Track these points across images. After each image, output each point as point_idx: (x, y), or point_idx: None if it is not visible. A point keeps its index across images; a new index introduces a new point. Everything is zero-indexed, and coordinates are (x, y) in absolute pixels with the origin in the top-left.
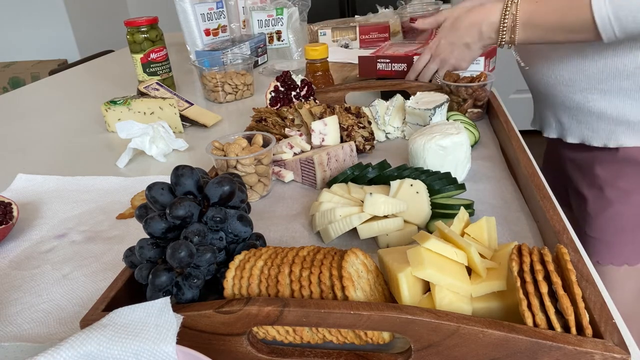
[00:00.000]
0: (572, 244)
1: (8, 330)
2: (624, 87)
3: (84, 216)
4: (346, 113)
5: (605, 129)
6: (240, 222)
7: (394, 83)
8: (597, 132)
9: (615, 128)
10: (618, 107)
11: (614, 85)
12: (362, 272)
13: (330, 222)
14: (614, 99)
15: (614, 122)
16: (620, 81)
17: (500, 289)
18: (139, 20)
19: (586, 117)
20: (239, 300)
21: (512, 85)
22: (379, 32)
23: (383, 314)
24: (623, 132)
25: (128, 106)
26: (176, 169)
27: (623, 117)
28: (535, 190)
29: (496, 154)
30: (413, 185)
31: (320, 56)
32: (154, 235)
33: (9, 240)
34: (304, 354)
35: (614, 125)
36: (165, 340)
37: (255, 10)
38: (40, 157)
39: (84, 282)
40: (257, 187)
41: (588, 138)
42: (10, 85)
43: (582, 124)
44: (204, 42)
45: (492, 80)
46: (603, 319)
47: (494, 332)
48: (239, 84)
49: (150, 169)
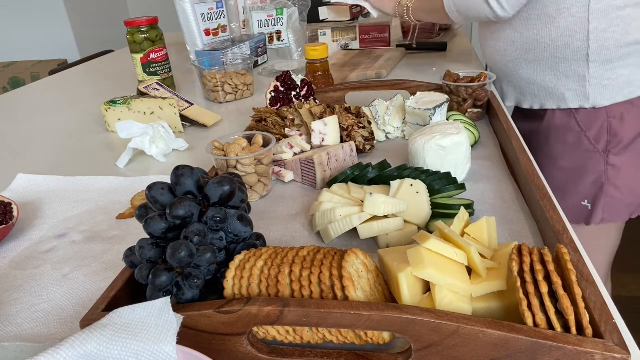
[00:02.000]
0: (572, 244)
1: (8, 330)
2: (543, 57)
3: (84, 216)
4: (346, 113)
5: (531, 93)
6: (240, 222)
7: (394, 83)
8: (526, 96)
9: (539, 92)
10: (539, 75)
11: (536, 55)
12: (362, 272)
13: (330, 222)
14: (537, 67)
15: (537, 87)
16: (540, 52)
17: (500, 289)
18: (139, 20)
19: (518, 83)
20: (239, 300)
21: None
22: (379, 32)
23: (383, 314)
24: (544, 96)
25: (128, 106)
26: (176, 169)
27: (543, 83)
28: (535, 190)
29: (496, 154)
30: (413, 185)
31: (320, 56)
32: (154, 235)
33: (9, 240)
34: (304, 354)
35: (537, 90)
36: (165, 340)
37: (255, 10)
38: (40, 157)
39: (84, 282)
40: (257, 187)
41: (520, 100)
42: (10, 85)
43: (516, 88)
44: (204, 42)
45: (492, 80)
46: (603, 319)
47: (494, 332)
48: (239, 83)
49: (150, 169)
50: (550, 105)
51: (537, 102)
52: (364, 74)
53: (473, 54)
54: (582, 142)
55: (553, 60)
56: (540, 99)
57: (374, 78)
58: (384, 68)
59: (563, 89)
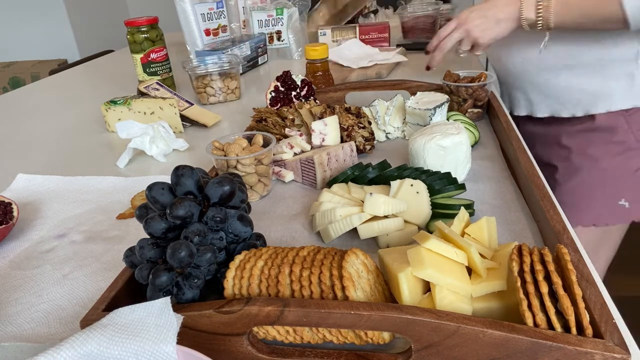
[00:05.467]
0: (572, 244)
1: (8, 330)
2: (587, 61)
3: (84, 216)
4: (346, 113)
5: (572, 100)
6: (240, 222)
7: (394, 83)
8: (565, 104)
9: (582, 97)
10: (583, 80)
11: (579, 60)
12: (362, 272)
13: (331, 222)
14: (580, 72)
15: (581, 92)
16: (585, 56)
17: (500, 289)
18: (139, 20)
19: (554, 91)
20: (239, 300)
21: None
22: (379, 32)
23: (383, 314)
24: (589, 101)
25: (128, 106)
26: (176, 169)
27: (589, 88)
28: (535, 190)
29: (496, 154)
30: (413, 185)
31: (320, 56)
32: (154, 235)
33: (9, 240)
34: (304, 354)
35: (580, 95)
36: (165, 340)
37: (255, 10)
38: (40, 157)
39: (84, 282)
40: (257, 187)
41: (557, 110)
42: (10, 85)
43: (550, 98)
44: (204, 42)
45: (492, 80)
46: (603, 319)
47: (494, 332)
48: (222, 86)
49: (150, 169)
50: (598, 110)
51: (580, 109)
52: (364, 74)
53: None
54: (627, 141)
55: (599, 63)
56: (584, 105)
57: (374, 78)
58: (384, 68)
59: (611, 90)
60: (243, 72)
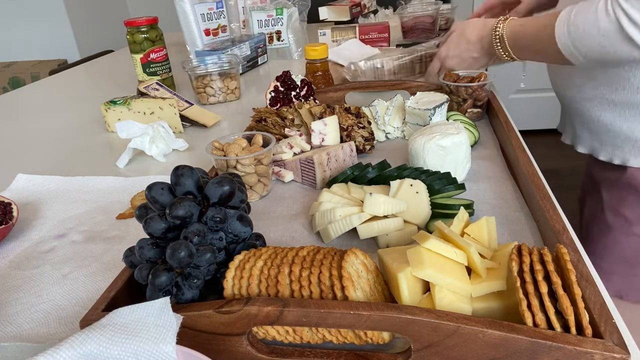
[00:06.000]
0: (572, 244)
1: (8, 330)
2: (634, 100)
3: (84, 216)
4: (346, 113)
5: (612, 143)
6: (240, 222)
7: (394, 83)
8: (604, 145)
9: (622, 144)
10: (626, 122)
11: (624, 97)
12: (362, 272)
13: (330, 222)
14: (624, 112)
15: (621, 136)
16: (631, 93)
17: (500, 289)
18: (139, 20)
19: (596, 127)
20: (238, 301)
21: (512, 85)
22: (379, 32)
23: (383, 314)
24: (629, 149)
25: (128, 106)
26: (176, 169)
27: (631, 134)
28: (535, 190)
29: (496, 154)
30: (413, 185)
31: (320, 56)
32: (154, 235)
33: (9, 240)
34: (303, 354)
35: (620, 140)
36: (165, 340)
37: (255, 10)
38: (40, 157)
39: (84, 282)
40: (257, 187)
41: (596, 150)
42: (10, 85)
43: (592, 134)
44: (204, 42)
45: (492, 80)
46: (603, 319)
47: (494, 332)
48: (222, 86)
49: (150, 169)
50: (636, 163)
51: (617, 156)
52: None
53: None
54: None
55: None
56: (623, 152)
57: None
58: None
59: None
60: (243, 72)
